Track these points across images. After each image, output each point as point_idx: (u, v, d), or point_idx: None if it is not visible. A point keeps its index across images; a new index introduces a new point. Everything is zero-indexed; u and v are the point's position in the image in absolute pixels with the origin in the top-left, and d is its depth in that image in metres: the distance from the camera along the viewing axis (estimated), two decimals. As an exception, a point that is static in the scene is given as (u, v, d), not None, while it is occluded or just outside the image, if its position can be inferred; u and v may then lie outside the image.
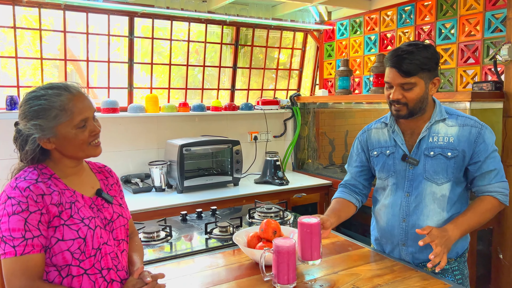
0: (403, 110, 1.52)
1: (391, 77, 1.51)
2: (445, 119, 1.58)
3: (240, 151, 3.04)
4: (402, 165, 1.59)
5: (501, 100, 2.38)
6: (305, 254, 1.41)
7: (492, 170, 1.52)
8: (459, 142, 1.53)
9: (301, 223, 1.41)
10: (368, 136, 1.74)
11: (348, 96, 3.12)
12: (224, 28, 3.41)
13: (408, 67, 1.46)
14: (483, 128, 1.54)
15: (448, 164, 1.53)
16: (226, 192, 2.88)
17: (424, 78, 1.50)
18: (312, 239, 1.39)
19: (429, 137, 1.57)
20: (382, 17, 3.21)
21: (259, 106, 3.57)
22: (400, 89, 1.50)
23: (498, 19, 2.45)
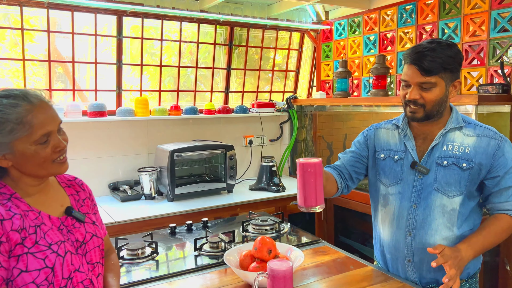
0: (419, 112, 1.40)
1: (410, 74, 1.39)
2: (462, 128, 1.46)
3: (234, 156, 2.90)
4: (410, 173, 1.47)
5: (508, 104, 2.25)
6: (309, 199, 1.27)
7: (511, 186, 1.40)
8: (476, 154, 1.41)
9: (303, 163, 1.27)
10: (377, 134, 1.62)
11: (347, 99, 2.99)
12: (218, 28, 3.28)
13: (430, 65, 1.34)
14: (503, 140, 1.42)
15: (462, 176, 1.40)
16: (219, 200, 2.74)
17: (445, 78, 1.38)
18: (317, 181, 1.26)
19: (443, 145, 1.44)
20: (382, 16, 3.08)
21: (254, 108, 3.44)
22: (418, 88, 1.38)
23: (504, 18, 2.33)
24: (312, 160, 1.27)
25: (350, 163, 1.62)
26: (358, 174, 1.64)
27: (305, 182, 1.26)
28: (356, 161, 1.63)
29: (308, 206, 1.28)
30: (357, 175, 1.64)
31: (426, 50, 1.35)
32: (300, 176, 1.28)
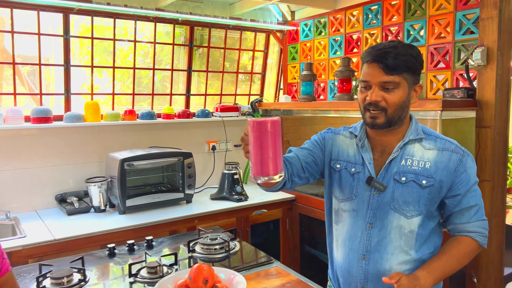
0: (380, 117, 1.26)
1: (371, 73, 1.25)
2: (422, 140, 1.33)
3: (192, 164, 2.72)
4: (366, 189, 1.33)
5: (474, 109, 2.16)
6: (266, 166, 1.05)
7: (473, 206, 1.28)
8: (437, 169, 1.28)
9: (260, 121, 1.04)
10: (334, 140, 1.45)
11: (311, 103, 2.86)
12: (178, 28, 3.10)
13: (394, 62, 1.22)
14: (465, 155, 1.30)
15: (421, 194, 1.27)
16: (176, 212, 2.56)
17: (408, 80, 1.26)
18: (276, 142, 1.05)
19: (401, 159, 1.31)
20: (347, 17, 2.97)
21: (218, 112, 3.27)
22: (380, 89, 1.25)
23: (470, 20, 2.24)
24: (271, 118, 1.05)
25: (305, 158, 1.40)
26: (309, 174, 1.41)
27: (262, 144, 1.04)
28: (312, 160, 1.42)
29: (266, 174, 1.05)
30: (309, 174, 1.41)
31: (389, 47, 1.24)
32: (255, 138, 1.05)
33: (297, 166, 1.38)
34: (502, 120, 2.13)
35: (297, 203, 2.95)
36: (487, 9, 2.09)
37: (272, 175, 1.06)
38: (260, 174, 1.06)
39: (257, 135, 1.04)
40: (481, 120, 2.14)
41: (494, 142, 2.10)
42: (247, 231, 2.74)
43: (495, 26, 2.06)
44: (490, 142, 2.11)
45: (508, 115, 2.18)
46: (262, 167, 1.05)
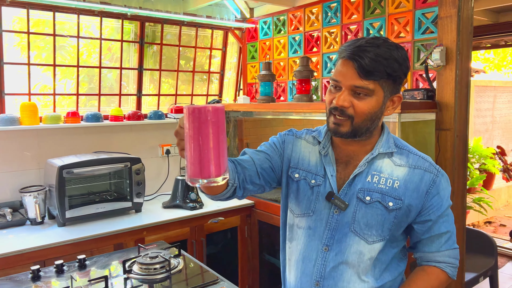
0: (345, 126, 1.09)
1: (344, 73, 1.06)
2: (393, 154, 1.16)
3: (141, 170, 2.52)
4: (325, 206, 1.16)
5: (433, 111, 2.08)
6: (208, 165, 0.85)
7: (444, 233, 1.15)
8: (406, 190, 1.12)
9: (198, 109, 0.84)
10: (295, 144, 1.25)
11: (270, 105, 2.72)
12: (127, 23, 2.88)
13: (372, 64, 1.02)
14: (439, 175, 1.15)
15: (386, 218, 1.12)
16: (123, 223, 2.36)
17: (385, 88, 1.07)
18: (220, 135, 0.86)
19: (367, 175, 1.14)
20: (306, 15, 2.85)
21: (172, 114, 3.08)
22: (350, 93, 1.06)
23: (429, 18, 2.16)
24: (211, 105, 0.85)
25: (260, 163, 1.20)
26: (265, 181, 1.21)
27: (201, 137, 0.83)
28: (269, 166, 1.22)
29: (206, 175, 0.84)
30: (264, 182, 1.20)
31: (370, 45, 1.04)
32: (193, 130, 0.83)
33: (251, 171, 1.18)
34: (461, 122, 2.07)
35: (256, 209, 2.80)
36: (445, 7, 2.02)
37: (214, 177, 0.85)
38: (199, 176, 0.85)
39: (195, 126, 0.83)
40: (441, 123, 2.07)
41: (454, 145, 2.03)
42: (201, 242, 2.57)
43: (454, 25, 1.99)
44: (450, 145, 2.04)
45: (467, 117, 2.11)
46: (201, 166, 0.84)
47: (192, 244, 2.55)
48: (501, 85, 6.21)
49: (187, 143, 0.85)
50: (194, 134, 0.84)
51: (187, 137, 0.85)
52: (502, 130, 6.09)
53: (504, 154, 5.25)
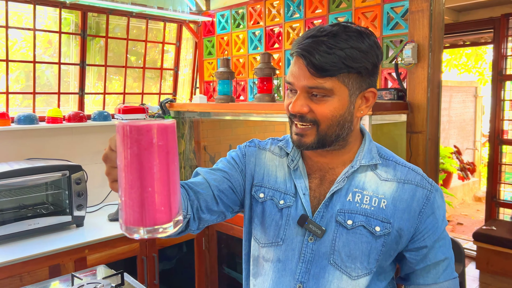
0: (309, 135, 0.90)
1: (295, 73, 0.89)
2: (377, 166, 0.96)
3: (82, 180, 2.22)
4: (298, 232, 0.95)
5: (404, 112, 1.94)
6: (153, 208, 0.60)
7: (442, 260, 0.95)
8: (395, 211, 0.93)
9: (138, 127, 0.59)
10: (259, 158, 1.05)
11: (229, 105, 2.49)
12: (66, 13, 2.55)
13: (323, 58, 0.84)
14: (433, 190, 0.95)
15: (372, 246, 0.92)
16: (61, 240, 2.05)
17: (349, 84, 0.88)
18: (170, 165, 0.61)
19: (347, 193, 0.94)
20: (267, 8, 2.65)
21: (120, 115, 2.77)
22: (305, 96, 0.89)
23: (398, 13, 2.02)
24: (156, 121, 0.61)
25: (218, 184, 1.00)
26: (225, 206, 1.00)
27: (144, 169, 0.59)
28: (228, 186, 1.01)
29: (151, 223, 0.60)
30: (224, 207, 1.00)
31: (324, 35, 0.85)
32: (131, 158, 0.59)
33: (207, 195, 0.97)
34: (433, 125, 1.94)
35: (214, 219, 2.56)
36: (417, 1, 1.88)
37: (162, 223, 0.61)
38: (139, 223, 0.60)
39: (133, 152, 0.59)
40: (412, 125, 1.93)
41: (426, 149, 1.90)
42: (153, 258, 2.30)
43: (426, 20, 1.85)
44: (422, 148, 1.91)
45: (439, 118, 1.99)
46: (142, 210, 0.59)
47: (142, 261, 2.27)
48: (456, 85, 6.34)
49: (121, 175, 0.60)
50: (131, 164, 0.59)
51: (122, 167, 0.60)
52: (457, 129, 6.22)
53: (460, 153, 5.34)
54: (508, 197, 3.52)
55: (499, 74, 3.43)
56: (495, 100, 3.47)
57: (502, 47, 3.37)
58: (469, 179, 5.43)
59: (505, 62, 3.40)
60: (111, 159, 0.66)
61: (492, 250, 3.03)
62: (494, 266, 3.03)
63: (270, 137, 1.11)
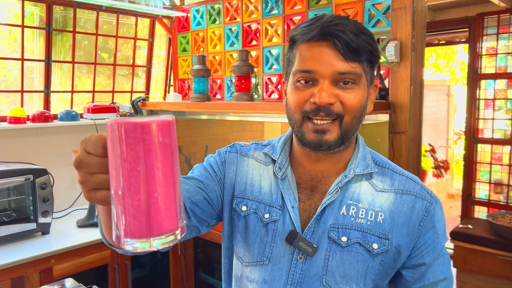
0: (333, 131, 0.80)
1: (319, 58, 0.77)
2: (372, 175, 0.88)
3: (48, 184, 2.07)
4: (286, 250, 0.86)
5: (387, 112, 1.89)
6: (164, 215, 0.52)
7: (441, 280, 0.85)
8: (394, 225, 0.83)
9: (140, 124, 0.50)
10: (240, 165, 0.95)
11: (205, 104, 2.39)
12: (30, 6, 2.39)
13: (357, 40, 0.76)
14: (433, 202, 0.87)
15: (369, 266, 0.83)
16: (24, 250, 1.91)
17: (367, 73, 0.82)
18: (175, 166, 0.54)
19: (341, 206, 0.85)
20: (244, 3, 2.55)
21: (89, 114, 2.63)
22: (331, 86, 0.78)
23: (380, 10, 1.96)
24: (154, 119, 0.51)
25: (191, 196, 0.89)
26: (199, 220, 0.90)
27: (148, 173, 0.51)
28: (203, 198, 0.91)
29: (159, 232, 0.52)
30: (198, 222, 0.89)
31: (342, 19, 0.78)
32: (131, 161, 0.51)
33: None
34: (416, 125, 1.90)
35: (190, 222, 2.46)
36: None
37: (172, 230, 0.53)
38: (146, 234, 0.52)
39: (136, 153, 0.51)
40: (395, 125, 1.89)
41: (409, 150, 1.86)
42: (125, 266, 2.18)
43: (409, 17, 1.80)
44: (404, 149, 1.86)
45: (421, 118, 1.96)
46: (149, 219, 0.52)
47: (114, 269, 2.15)
48: (430, 84, 6.42)
49: (118, 182, 0.51)
50: (133, 168, 0.51)
51: (120, 172, 0.51)
52: (431, 127, 6.31)
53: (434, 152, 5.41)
54: (483, 195, 3.56)
55: (474, 73, 3.46)
56: (470, 99, 3.50)
57: (477, 46, 3.39)
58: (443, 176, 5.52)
59: (480, 61, 3.43)
60: (89, 164, 0.56)
61: (468, 248, 3.05)
62: (471, 264, 3.05)
63: (253, 142, 1.01)
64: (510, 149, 3.43)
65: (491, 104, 3.49)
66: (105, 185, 0.56)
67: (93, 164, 0.55)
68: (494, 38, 3.38)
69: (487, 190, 3.54)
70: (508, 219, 3.06)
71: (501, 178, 3.49)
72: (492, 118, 3.48)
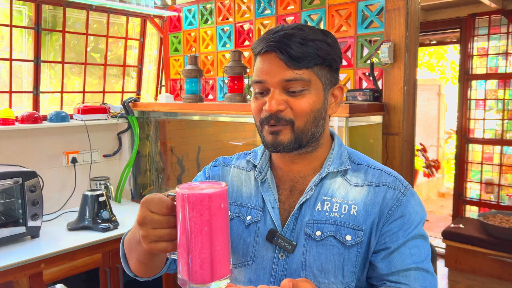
0: (285, 134, 0.85)
1: (267, 70, 0.84)
2: (347, 172, 0.91)
3: (37, 187, 2.03)
4: (268, 249, 0.89)
5: (381, 114, 1.89)
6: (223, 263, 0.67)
7: (413, 268, 0.84)
8: (367, 216, 0.86)
9: (208, 195, 0.65)
10: (222, 177, 1.02)
11: (197, 105, 2.37)
12: (19, 4, 2.34)
13: (301, 48, 0.82)
14: (407, 193, 0.89)
15: (345, 258, 0.85)
16: (13, 254, 1.87)
17: (322, 78, 0.86)
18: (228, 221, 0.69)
19: (316, 202, 0.89)
20: (237, 3, 2.53)
21: (79, 115, 2.59)
22: (282, 92, 0.84)
23: (373, 11, 1.96)
24: (217, 189, 0.66)
25: None
26: None
27: (214, 231, 0.65)
28: None
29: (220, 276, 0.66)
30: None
31: (291, 29, 0.84)
32: (202, 223, 0.65)
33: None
34: (409, 126, 1.90)
35: (183, 224, 2.44)
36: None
37: (227, 274, 0.68)
38: (210, 279, 0.66)
39: (204, 217, 0.65)
40: (388, 126, 1.88)
41: (402, 151, 1.86)
42: (117, 269, 2.15)
43: (402, 19, 1.80)
44: (398, 151, 1.86)
45: (414, 120, 1.96)
46: (212, 267, 0.66)
47: (106, 273, 2.12)
48: (421, 83, 6.45)
49: (188, 238, 0.65)
50: (202, 228, 0.65)
51: (189, 231, 0.65)
52: (422, 127, 6.34)
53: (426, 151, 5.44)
54: (474, 194, 3.59)
55: (465, 74, 3.48)
56: (462, 99, 3.52)
57: (469, 46, 3.41)
58: (434, 176, 5.55)
59: (471, 61, 3.45)
60: (153, 220, 0.70)
61: (460, 248, 3.07)
62: (462, 263, 3.07)
63: (237, 153, 1.07)
64: (501, 149, 3.46)
65: (482, 104, 3.51)
66: (165, 237, 0.70)
67: (157, 221, 0.69)
68: (485, 39, 3.40)
69: (478, 190, 3.56)
70: (499, 218, 3.08)
71: (492, 178, 3.52)
72: (483, 118, 3.50)
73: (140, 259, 0.85)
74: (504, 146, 3.46)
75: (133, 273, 0.92)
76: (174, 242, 0.70)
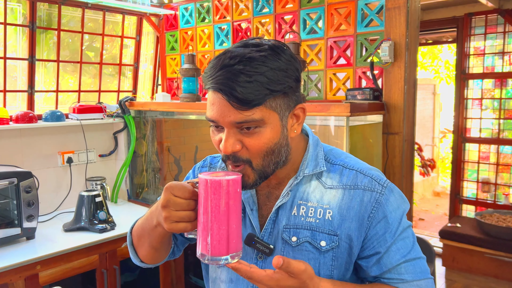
0: (248, 175, 0.84)
1: (218, 110, 0.79)
2: (322, 174, 0.90)
3: (33, 187, 2.00)
4: (248, 250, 0.91)
5: (381, 113, 1.88)
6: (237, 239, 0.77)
7: (402, 263, 0.86)
8: (343, 221, 0.86)
9: (226, 181, 0.75)
10: None
11: (195, 104, 2.34)
12: (13, 2, 2.30)
13: (246, 90, 0.76)
14: (384, 192, 0.88)
15: (321, 262, 0.86)
16: (9, 256, 1.84)
17: (277, 108, 0.81)
18: (237, 210, 0.77)
19: (292, 207, 0.89)
20: (234, 2, 2.51)
21: (75, 114, 2.55)
22: (235, 131, 0.81)
23: (373, 10, 1.95)
24: (234, 176, 0.77)
25: None
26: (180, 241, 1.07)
27: (231, 212, 0.76)
28: None
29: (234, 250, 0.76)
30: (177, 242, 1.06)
31: (238, 62, 0.77)
32: (222, 205, 0.75)
33: None
34: (409, 126, 1.89)
35: (180, 225, 2.42)
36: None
37: (239, 249, 0.78)
38: (226, 253, 0.76)
39: (225, 200, 0.75)
40: (389, 126, 1.87)
41: (402, 151, 1.85)
42: (114, 270, 2.13)
43: (403, 17, 1.79)
44: (398, 150, 1.85)
45: (414, 119, 1.95)
46: (229, 242, 0.76)
47: (103, 274, 2.09)
48: (416, 83, 6.47)
49: (208, 217, 0.75)
50: (221, 209, 0.75)
51: (209, 212, 0.75)
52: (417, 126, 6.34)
53: (421, 150, 5.44)
54: (471, 194, 3.59)
55: (462, 73, 3.48)
56: (458, 98, 3.52)
57: (465, 46, 3.42)
58: (430, 175, 5.56)
59: (468, 61, 3.46)
60: (176, 203, 0.78)
61: (457, 247, 3.07)
62: (459, 263, 3.07)
63: None
64: (497, 148, 3.47)
65: (478, 103, 3.52)
66: (185, 219, 0.78)
67: (179, 204, 0.78)
68: (482, 38, 3.40)
69: (474, 189, 3.57)
70: (496, 217, 3.09)
71: (489, 177, 3.53)
72: (480, 118, 3.51)
73: (153, 244, 0.92)
74: (501, 145, 3.47)
75: (140, 259, 0.99)
76: (192, 222, 0.78)
